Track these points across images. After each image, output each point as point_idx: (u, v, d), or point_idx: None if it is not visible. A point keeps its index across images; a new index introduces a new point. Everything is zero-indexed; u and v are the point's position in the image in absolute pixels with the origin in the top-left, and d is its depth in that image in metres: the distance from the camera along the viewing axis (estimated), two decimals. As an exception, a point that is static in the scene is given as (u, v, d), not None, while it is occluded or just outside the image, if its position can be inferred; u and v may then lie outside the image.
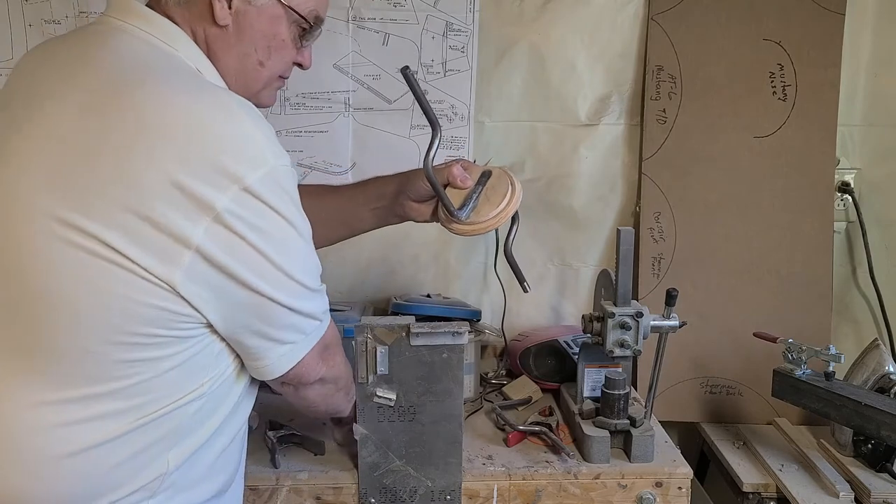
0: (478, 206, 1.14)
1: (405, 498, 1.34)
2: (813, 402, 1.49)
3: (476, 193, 1.15)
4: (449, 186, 1.17)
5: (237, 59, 1.00)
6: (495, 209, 1.12)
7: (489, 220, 1.12)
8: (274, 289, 0.92)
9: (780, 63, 1.77)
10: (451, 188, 1.17)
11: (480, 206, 1.14)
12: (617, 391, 1.43)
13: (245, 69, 1.01)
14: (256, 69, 1.02)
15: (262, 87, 1.05)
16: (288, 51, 1.05)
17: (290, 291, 0.95)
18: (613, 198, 1.87)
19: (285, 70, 1.08)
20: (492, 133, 1.84)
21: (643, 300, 1.76)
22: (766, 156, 1.78)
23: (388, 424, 1.31)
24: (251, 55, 1.01)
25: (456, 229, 1.15)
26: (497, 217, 1.13)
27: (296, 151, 1.79)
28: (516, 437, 1.49)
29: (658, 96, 1.80)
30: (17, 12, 1.70)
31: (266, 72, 1.03)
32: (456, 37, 1.76)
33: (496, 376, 1.80)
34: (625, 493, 1.40)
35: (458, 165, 1.18)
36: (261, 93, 1.06)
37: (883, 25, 1.81)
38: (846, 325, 1.89)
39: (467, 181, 1.17)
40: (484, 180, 1.16)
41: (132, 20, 0.95)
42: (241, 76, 1.01)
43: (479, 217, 1.13)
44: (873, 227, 1.84)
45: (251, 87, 1.03)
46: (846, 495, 1.44)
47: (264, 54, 1.02)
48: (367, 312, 1.79)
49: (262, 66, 1.02)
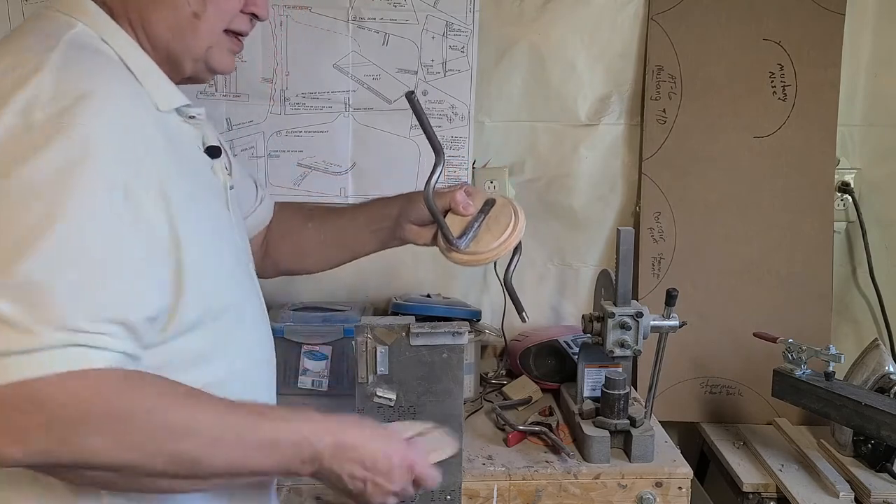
0: (478, 235, 1.09)
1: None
2: (813, 402, 1.49)
3: (478, 222, 1.10)
4: (451, 212, 1.12)
5: (169, 12, 0.90)
6: (496, 240, 1.07)
7: (489, 252, 1.07)
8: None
9: (780, 63, 1.77)
10: (453, 214, 1.11)
11: (481, 235, 1.09)
12: (617, 391, 1.43)
13: (180, 23, 0.91)
14: (192, 22, 0.91)
15: (206, 44, 0.93)
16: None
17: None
18: (613, 198, 1.87)
19: (232, 22, 0.95)
20: (492, 133, 1.84)
21: (643, 300, 1.76)
22: (766, 156, 1.78)
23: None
24: (184, 7, 0.90)
25: (454, 258, 1.09)
26: (497, 249, 1.07)
27: (296, 151, 1.79)
28: (516, 437, 1.49)
29: (658, 96, 1.80)
30: (16, 12, 1.70)
31: (205, 25, 0.92)
32: (456, 37, 1.76)
33: (496, 376, 1.80)
34: (625, 493, 1.40)
35: (462, 191, 1.12)
36: (209, 52, 0.94)
37: (883, 25, 1.81)
38: (846, 325, 1.89)
39: (469, 208, 1.11)
40: (487, 209, 1.11)
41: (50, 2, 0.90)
42: (177, 34, 0.91)
43: (478, 247, 1.08)
44: (873, 227, 1.84)
45: (192, 46, 0.93)
46: (846, 495, 1.44)
47: (198, 4, 0.91)
48: (367, 312, 1.79)
49: (198, 17, 0.91)
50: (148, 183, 0.81)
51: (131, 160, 0.80)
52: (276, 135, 1.78)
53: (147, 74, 0.89)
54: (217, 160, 1.00)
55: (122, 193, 0.78)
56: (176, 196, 0.84)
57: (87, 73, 0.81)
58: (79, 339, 0.72)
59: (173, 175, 0.85)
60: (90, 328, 0.73)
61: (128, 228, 0.78)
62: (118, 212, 0.77)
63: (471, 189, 1.15)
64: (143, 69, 0.89)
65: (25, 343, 0.70)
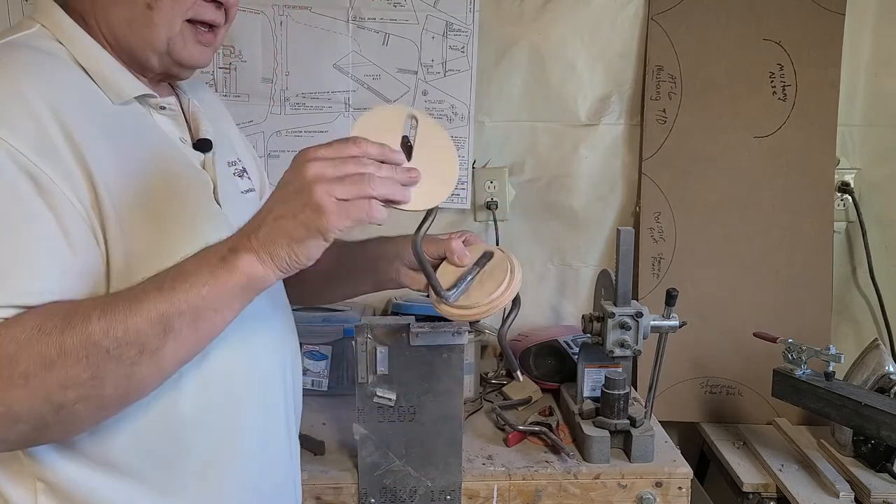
0: (470, 289, 1.01)
1: (405, 498, 1.34)
2: (813, 402, 1.49)
3: (471, 275, 1.02)
4: (445, 261, 1.05)
5: (124, 6, 0.90)
6: (487, 297, 0.99)
7: (477, 308, 0.99)
8: None
9: (780, 63, 1.77)
10: (448, 264, 1.05)
11: (473, 289, 1.01)
12: (617, 391, 1.43)
13: (135, 17, 0.90)
14: (146, 14, 0.90)
15: (164, 34, 0.91)
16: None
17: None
18: (613, 198, 1.87)
19: (191, 11, 0.92)
20: (492, 133, 1.85)
21: (643, 300, 1.76)
22: (766, 156, 1.78)
23: (388, 424, 1.31)
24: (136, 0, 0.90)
25: (443, 311, 1.02)
26: (487, 306, 0.99)
27: (296, 151, 1.78)
28: (516, 437, 1.49)
29: (658, 96, 1.80)
30: (16, 12, 1.70)
31: (158, 15, 0.90)
32: (456, 37, 1.76)
33: (496, 376, 1.80)
34: (625, 493, 1.39)
35: (459, 240, 1.04)
36: (171, 44, 0.92)
37: (883, 25, 1.81)
38: (846, 325, 1.89)
39: (465, 259, 1.03)
40: (483, 262, 1.04)
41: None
42: (133, 25, 0.90)
43: (468, 301, 1.00)
44: (873, 227, 1.84)
45: (150, 39, 0.91)
46: (846, 495, 1.44)
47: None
48: (367, 312, 1.79)
49: (151, 8, 0.90)
50: (61, 166, 0.80)
51: (43, 149, 0.79)
52: (276, 135, 1.78)
53: (100, 71, 0.90)
54: (208, 154, 0.99)
55: (25, 179, 0.78)
56: (110, 183, 0.83)
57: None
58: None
59: (111, 161, 0.84)
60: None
61: (28, 216, 0.77)
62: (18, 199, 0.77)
63: (471, 238, 1.08)
64: (95, 65, 0.90)
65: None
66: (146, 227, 0.86)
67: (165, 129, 0.96)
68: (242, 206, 1.01)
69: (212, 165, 0.99)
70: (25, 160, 0.78)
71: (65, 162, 0.80)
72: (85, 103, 0.86)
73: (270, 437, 1.01)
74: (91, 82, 0.89)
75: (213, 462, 0.92)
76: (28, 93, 0.81)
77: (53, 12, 0.91)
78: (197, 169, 0.97)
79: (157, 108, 0.95)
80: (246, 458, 0.96)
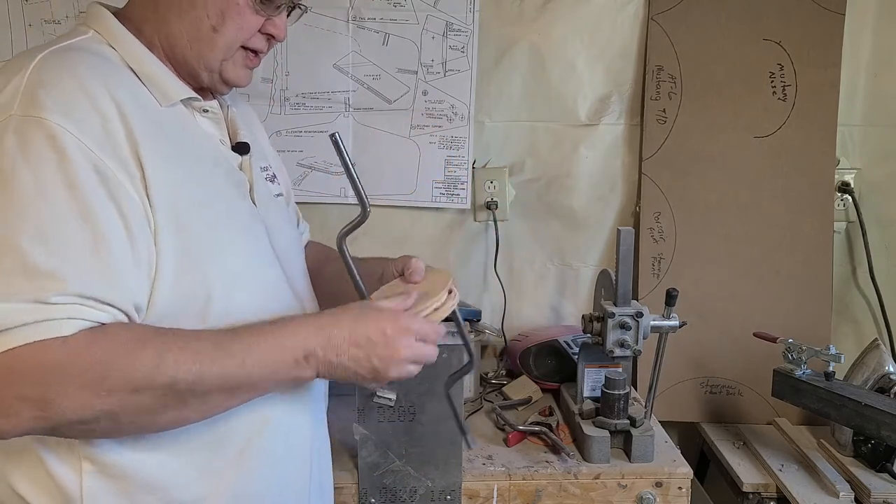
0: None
1: (405, 498, 1.34)
2: (813, 402, 1.49)
3: (410, 294, 1.03)
4: (401, 277, 1.09)
5: (190, 24, 0.97)
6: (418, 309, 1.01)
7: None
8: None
9: (780, 63, 1.77)
10: (403, 281, 1.08)
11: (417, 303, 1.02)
12: (617, 391, 1.43)
13: (199, 36, 0.97)
14: (210, 36, 0.98)
15: (220, 56, 1.00)
16: (246, 18, 0.99)
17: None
18: (613, 198, 1.87)
19: (248, 39, 1.01)
20: (492, 133, 1.85)
21: (643, 300, 1.76)
22: (766, 156, 1.78)
23: (388, 424, 1.32)
24: (203, 20, 0.97)
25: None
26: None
27: (296, 151, 1.79)
28: (516, 437, 1.49)
29: (658, 96, 1.80)
30: (17, 12, 1.70)
31: (221, 39, 0.98)
32: (456, 37, 1.76)
33: (496, 376, 1.80)
34: (625, 493, 1.40)
35: (420, 261, 1.09)
36: (223, 65, 1.00)
37: (883, 25, 1.81)
38: (846, 325, 1.89)
39: (415, 277, 1.07)
40: (428, 286, 1.06)
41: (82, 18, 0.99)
42: (195, 43, 0.98)
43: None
44: (873, 227, 1.84)
45: (208, 57, 0.99)
46: (846, 495, 1.44)
47: (217, 20, 0.97)
48: (367, 312, 1.79)
49: (216, 31, 0.98)
50: (122, 160, 0.86)
51: (107, 144, 0.84)
52: (277, 135, 1.78)
53: (150, 74, 0.95)
54: (245, 157, 1.05)
55: (92, 174, 0.83)
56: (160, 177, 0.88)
57: (61, 66, 0.87)
58: (52, 313, 0.78)
59: (161, 157, 0.89)
60: (62, 300, 0.78)
61: (99, 209, 0.83)
62: (87, 194, 0.82)
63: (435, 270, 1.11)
64: (146, 69, 0.95)
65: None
66: (194, 223, 0.92)
67: (208, 130, 1.02)
68: (273, 207, 1.09)
69: (249, 167, 1.06)
70: (92, 154, 0.83)
71: (125, 156, 0.86)
72: (138, 103, 0.92)
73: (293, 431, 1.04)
74: (141, 84, 0.94)
75: (244, 451, 0.97)
76: (92, 89, 0.86)
77: (106, 19, 0.97)
78: (235, 169, 1.04)
79: (200, 111, 1.01)
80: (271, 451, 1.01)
